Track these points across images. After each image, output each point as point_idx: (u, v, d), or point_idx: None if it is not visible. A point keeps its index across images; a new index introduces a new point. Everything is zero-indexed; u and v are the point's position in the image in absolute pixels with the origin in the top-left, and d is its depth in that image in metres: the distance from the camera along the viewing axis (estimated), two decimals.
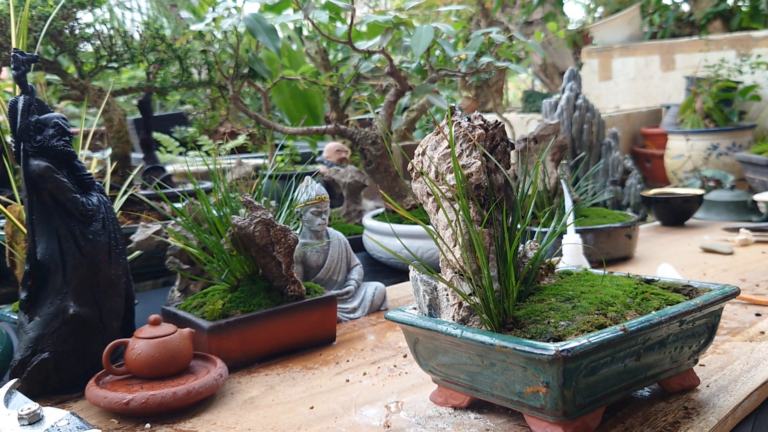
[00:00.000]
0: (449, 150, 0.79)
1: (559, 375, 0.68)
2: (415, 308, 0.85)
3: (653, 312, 0.78)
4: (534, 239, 0.90)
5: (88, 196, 0.98)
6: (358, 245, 1.73)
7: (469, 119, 0.81)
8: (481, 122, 0.80)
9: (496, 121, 0.81)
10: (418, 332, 0.82)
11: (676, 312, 0.77)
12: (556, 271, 0.91)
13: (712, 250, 1.68)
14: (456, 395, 0.83)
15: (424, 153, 0.82)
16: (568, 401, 0.70)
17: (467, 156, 0.79)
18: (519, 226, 0.81)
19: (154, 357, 0.88)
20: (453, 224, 0.79)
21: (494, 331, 0.75)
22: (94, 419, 0.86)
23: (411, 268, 0.84)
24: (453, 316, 0.80)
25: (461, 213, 0.77)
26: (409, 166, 0.84)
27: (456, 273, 0.80)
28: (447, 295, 0.81)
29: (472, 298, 0.77)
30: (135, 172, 1.65)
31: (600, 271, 0.93)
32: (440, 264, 0.83)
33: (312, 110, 3.64)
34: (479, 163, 0.78)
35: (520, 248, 0.85)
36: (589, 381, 0.71)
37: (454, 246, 0.80)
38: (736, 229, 1.88)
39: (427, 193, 0.83)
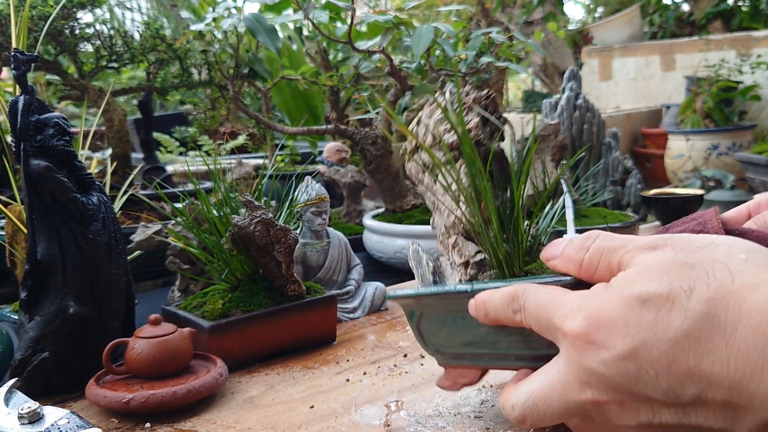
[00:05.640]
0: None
1: None
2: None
3: None
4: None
5: (88, 196, 0.98)
6: (358, 245, 1.73)
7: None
8: (474, 94, 0.80)
9: (488, 92, 0.80)
10: (424, 304, 0.75)
11: None
12: None
13: None
14: (466, 372, 0.77)
15: (419, 122, 0.81)
16: None
17: (464, 115, 0.78)
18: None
19: (154, 356, 0.88)
20: (454, 184, 0.76)
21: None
22: (94, 418, 0.86)
23: (411, 242, 0.83)
24: (460, 279, 0.78)
25: (464, 167, 0.74)
26: (404, 146, 0.83)
27: (460, 234, 0.77)
28: (452, 260, 0.79)
29: (479, 255, 0.75)
30: (135, 172, 1.65)
31: None
32: (439, 241, 0.81)
33: (312, 110, 3.64)
34: (477, 119, 0.77)
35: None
36: None
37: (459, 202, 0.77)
38: None
39: (423, 168, 0.81)
